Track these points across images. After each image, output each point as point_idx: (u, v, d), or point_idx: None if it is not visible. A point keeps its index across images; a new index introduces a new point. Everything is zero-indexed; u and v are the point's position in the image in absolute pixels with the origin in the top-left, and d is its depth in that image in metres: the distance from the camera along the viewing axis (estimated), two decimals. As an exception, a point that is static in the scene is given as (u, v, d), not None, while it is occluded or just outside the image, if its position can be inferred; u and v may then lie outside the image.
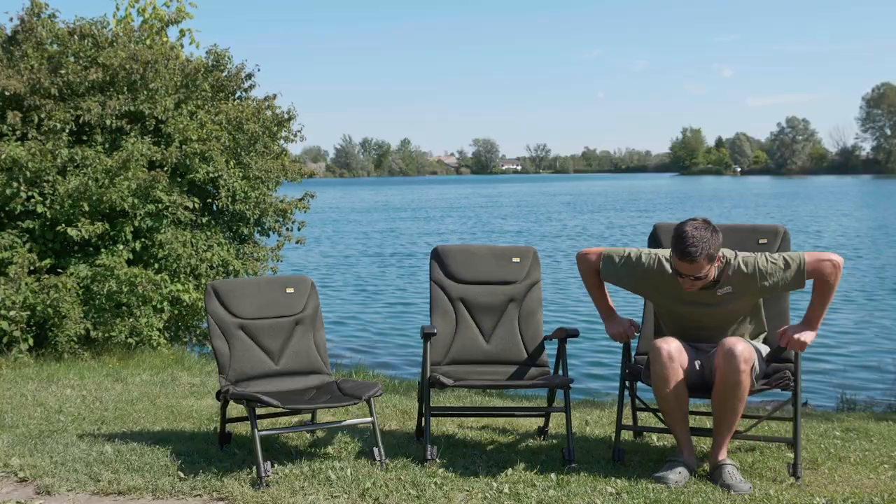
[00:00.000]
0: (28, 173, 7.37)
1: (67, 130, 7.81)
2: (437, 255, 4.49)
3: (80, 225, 7.47)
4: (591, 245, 24.42)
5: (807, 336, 3.65)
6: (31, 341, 7.32)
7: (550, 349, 4.42)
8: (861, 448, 4.22)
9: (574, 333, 4.16)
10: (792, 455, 3.86)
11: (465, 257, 4.47)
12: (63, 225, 7.50)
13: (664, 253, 3.80)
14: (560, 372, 4.21)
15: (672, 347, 3.62)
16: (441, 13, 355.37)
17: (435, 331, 4.18)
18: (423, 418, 4.07)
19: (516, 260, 4.47)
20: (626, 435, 4.40)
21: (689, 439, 3.75)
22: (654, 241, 4.24)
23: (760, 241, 4.07)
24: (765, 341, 3.95)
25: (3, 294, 7.02)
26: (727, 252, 3.68)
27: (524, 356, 4.36)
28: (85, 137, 8.01)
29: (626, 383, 4.02)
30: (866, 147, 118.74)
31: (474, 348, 4.37)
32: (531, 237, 28.02)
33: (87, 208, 7.54)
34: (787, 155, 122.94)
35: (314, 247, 24.72)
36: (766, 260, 3.66)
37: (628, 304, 5.84)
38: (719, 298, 3.70)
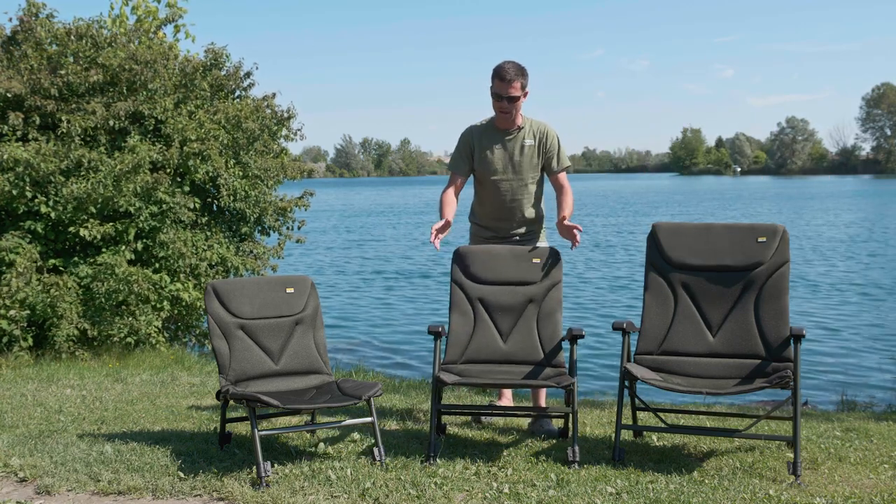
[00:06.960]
0: (35, 174, 7.36)
1: (81, 134, 7.80)
2: (457, 256, 4.47)
3: (90, 226, 7.47)
4: (591, 245, 24.39)
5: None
6: (30, 341, 7.33)
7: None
8: (861, 448, 4.22)
9: (580, 335, 4.13)
10: (792, 454, 3.86)
11: (486, 258, 4.46)
12: (71, 226, 7.49)
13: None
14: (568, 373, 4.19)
15: None
16: (442, 13, 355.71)
17: (440, 329, 4.19)
18: (434, 417, 4.06)
19: (536, 261, 4.46)
20: (626, 435, 4.40)
21: None
22: (654, 240, 4.24)
23: (759, 240, 4.08)
24: (763, 338, 3.96)
25: (5, 292, 7.02)
26: None
27: (540, 356, 4.31)
28: (88, 139, 8.00)
29: (626, 383, 4.02)
30: (866, 147, 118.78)
31: (491, 348, 4.35)
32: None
33: (93, 210, 7.54)
34: (787, 155, 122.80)
35: (315, 247, 24.72)
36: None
37: (628, 302, 5.83)
38: None
